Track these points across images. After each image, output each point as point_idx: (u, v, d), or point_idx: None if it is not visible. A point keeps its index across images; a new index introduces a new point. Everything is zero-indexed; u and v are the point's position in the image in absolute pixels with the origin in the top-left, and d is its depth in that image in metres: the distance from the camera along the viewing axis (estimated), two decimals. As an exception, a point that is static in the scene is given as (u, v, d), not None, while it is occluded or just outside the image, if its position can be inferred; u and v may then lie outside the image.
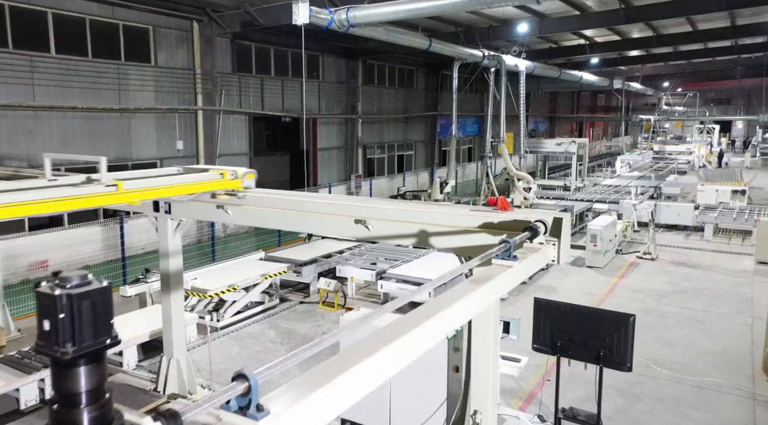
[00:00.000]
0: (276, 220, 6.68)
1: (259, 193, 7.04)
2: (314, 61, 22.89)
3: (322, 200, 6.50)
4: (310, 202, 6.46)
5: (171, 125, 17.00)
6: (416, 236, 5.88)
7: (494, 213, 5.55)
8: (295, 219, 6.52)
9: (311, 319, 11.18)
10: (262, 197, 6.77)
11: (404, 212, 5.97)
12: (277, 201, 6.67)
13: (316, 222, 6.38)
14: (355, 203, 6.34)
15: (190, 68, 17.31)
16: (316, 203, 6.43)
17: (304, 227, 6.70)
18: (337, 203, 6.39)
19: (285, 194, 6.81)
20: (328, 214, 6.31)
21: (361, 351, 2.43)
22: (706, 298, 12.32)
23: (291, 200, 6.58)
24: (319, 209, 6.40)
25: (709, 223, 18.42)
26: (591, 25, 19.89)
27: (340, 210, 6.29)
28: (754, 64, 38.52)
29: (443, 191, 18.06)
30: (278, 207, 6.63)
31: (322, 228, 6.55)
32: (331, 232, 6.69)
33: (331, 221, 6.28)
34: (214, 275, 11.03)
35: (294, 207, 6.56)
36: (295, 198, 6.57)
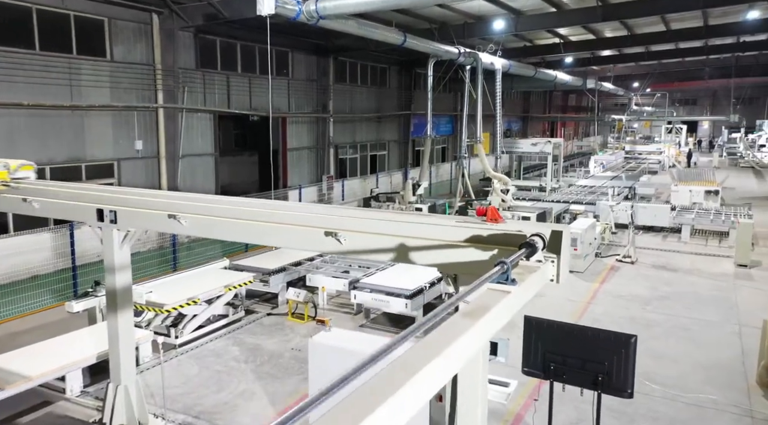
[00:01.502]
0: (233, 231, 5.91)
1: (212, 201, 6.25)
2: (283, 57, 22.01)
3: (287, 209, 5.75)
4: (273, 212, 5.71)
5: (129, 123, 15.95)
6: (394, 251, 5.17)
7: (483, 225, 4.89)
8: (256, 231, 5.76)
9: (279, 333, 10.38)
10: (216, 206, 5.99)
11: (381, 222, 5.26)
12: (235, 211, 5.90)
13: (280, 234, 5.63)
14: (325, 212, 5.61)
15: (149, 64, 16.27)
16: (281, 213, 5.67)
17: (265, 239, 5.94)
18: (304, 213, 5.65)
19: (244, 202, 6.04)
20: (294, 225, 5.57)
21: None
22: (690, 304, 11.93)
23: (250, 210, 5.81)
24: (283, 219, 5.65)
25: (686, 224, 18.20)
26: (568, 22, 19.51)
27: (308, 221, 5.56)
28: (722, 66, 39.01)
29: (416, 192, 17.38)
30: (236, 217, 5.86)
31: (287, 241, 5.80)
32: (298, 245, 5.96)
33: (298, 233, 5.54)
34: (172, 287, 10.15)
35: (254, 217, 5.80)
36: (255, 208, 5.81)
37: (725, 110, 60.32)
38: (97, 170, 15.28)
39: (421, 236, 5.04)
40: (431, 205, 17.16)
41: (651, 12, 18.25)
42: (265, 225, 5.68)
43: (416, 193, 17.23)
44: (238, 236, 5.96)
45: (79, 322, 9.49)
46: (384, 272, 11.36)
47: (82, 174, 14.92)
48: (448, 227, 4.95)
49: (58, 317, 10.32)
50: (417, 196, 17.31)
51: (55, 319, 10.46)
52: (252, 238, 5.93)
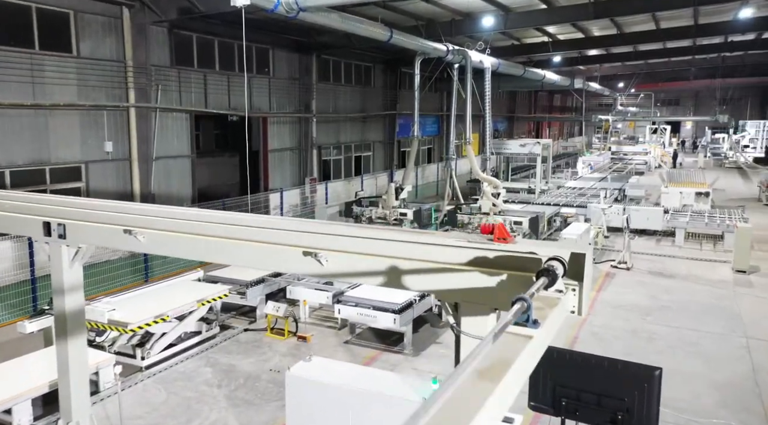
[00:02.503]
0: (197, 250, 5.12)
1: (175, 215, 5.44)
2: (264, 55, 21.15)
3: (262, 224, 4.97)
4: (244, 228, 4.91)
5: (98, 123, 15.00)
6: (385, 275, 4.42)
7: (489, 245, 4.16)
8: (223, 249, 4.97)
9: (256, 351, 9.57)
10: (179, 221, 5.19)
11: (369, 241, 4.50)
12: (200, 226, 5.10)
13: (252, 254, 4.84)
14: (304, 228, 4.84)
15: (120, 60, 15.33)
16: (253, 230, 4.88)
17: (234, 258, 5.15)
18: (279, 230, 4.87)
19: (211, 215, 5.24)
20: (268, 243, 4.79)
21: None
22: (693, 314, 11.35)
23: (218, 226, 5.02)
24: (256, 236, 4.87)
25: (680, 228, 17.70)
26: (558, 19, 18.90)
27: (284, 238, 4.78)
28: (708, 66, 38.88)
29: (399, 196, 16.42)
30: (201, 234, 5.07)
31: (260, 261, 5.03)
32: (272, 266, 5.21)
33: (272, 252, 4.76)
34: (138, 302, 9.29)
35: (222, 233, 5.01)
36: (223, 224, 5.01)
37: (708, 110, 60.57)
38: (63, 174, 14.31)
39: (416, 258, 4.30)
40: (416, 210, 16.20)
41: (644, 9, 17.72)
42: (233, 243, 4.90)
43: (399, 197, 16.36)
44: (202, 255, 5.17)
45: (33, 344, 8.59)
46: (370, 285, 10.58)
47: (47, 178, 13.95)
48: (448, 248, 4.22)
49: (11, 336, 9.40)
50: (400, 200, 16.45)
51: (7, 339, 9.54)
52: (219, 257, 5.14)
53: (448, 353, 9.22)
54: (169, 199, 17.07)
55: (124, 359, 8.77)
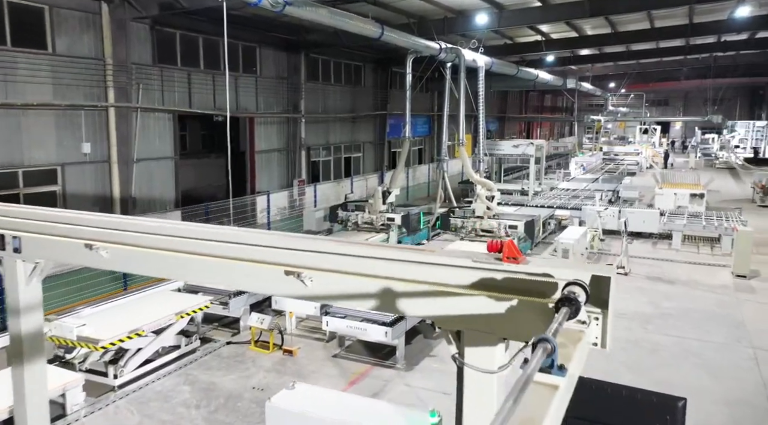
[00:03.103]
0: (166, 267, 4.56)
1: (144, 228, 4.85)
2: (251, 53, 20.53)
3: (238, 238, 4.41)
4: (219, 244, 4.35)
5: (75, 124, 14.33)
6: (377, 298, 3.88)
7: (497, 265, 3.64)
8: (195, 267, 4.40)
9: (239, 367, 9.00)
10: (147, 235, 4.61)
11: (360, 260, 3.96)
12: (171, 241, 4.53)
13: (227, 272, 4.29)
14: (286, 243, 4.28)
15: (98, 58, 14.66)
16: (229, 246, 4.32)
17: (208, 277, 4.60)
18: (258, 245, 4.31)
19: (184, 229, 4.66)
20: (245, 260, 4.24)
21: None
22: (695, 323, 10.91)
23: (191, 241, 4.44)
24: (232, 252, 4.31)
25: (677, 231, 17.32)
26: (553, 17, 18.45)
27: (264, 255, 4.22)
28: (700, 66, 38.73)
29: (387, 200, 15.57)
30: (172, 249, 4.50)
31: (236, 280, 4.48)
32: (250, 286, 4.67)
33: (249, 271, 4.21)
34: (111, 316, 8.69)
35: (195, 249, 4.44)
36: (197, 239, 4.43)
37: (696, 110, 60.66)
38: (37, 177, 13.64)
39: (413, 279, 3.77)
40: (404, 214, 15.31)
41: (641, 7, 17.35)
42: (206, 261, 4.34)
43: (387, 201, 15.58)
44: (172, 273, 4.63)
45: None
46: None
47: (19, 181, 13.27)
48: (450, 268, 3.69)
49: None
50: (388, 204, 15.67)
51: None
52: (190, 276, 4.60)
53: (443, 367, 8.70)
54: (151, 202, 16.45)
55: (96, 377, 8.17)
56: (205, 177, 24.69)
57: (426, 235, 17.37)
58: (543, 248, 16.87)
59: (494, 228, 14.47)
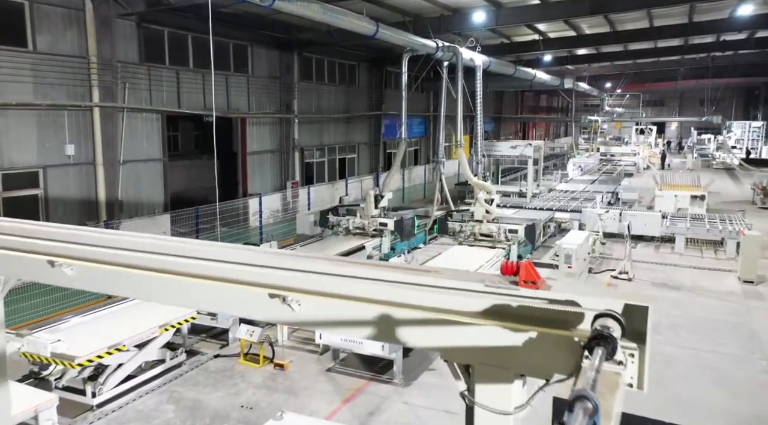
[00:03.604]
0: (136, 287, 4.04)
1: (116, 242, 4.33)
2: (243, 52, 20.00)
3: (219, 255, 3.90)
4: (197, 263, 3.83)
5: (58, 124, 13.78)
6: (374, 325, 3.37)
7: (513, 290, 3.15)
8: (169, 288, 3.88)
9: (227, 383, 8.48)
10: (118, 253, 4.09)
11: (355, 282, 3.47)
12: (143, 258, 4.02)
13: (201, 294, 3.78)
14: (271, 260, 3.77)
15: (82, 56, 14.12)
16: (207, 265, 3.81)
17: (183, 299, 4.09)
18: (239, 264, 3.80)
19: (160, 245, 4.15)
20: (225, 281, 3.73)
21: None
22: (707, 333, 10.47)
23: (166, 259, 3.94)
24: (206, 271, 3.80)
25: (680, 234, 16.89)
26: (552, 16, 18.01)
27: (246, 275, 3.71)
28: (697, 66, 38.45)
29: (379, 205, 14.79)
30: (144, 267, 3.99)
31: (213, 303, 3.98)
32: (230, 309, 4.18)
33: (229, 292, 3.70)
34: (90, 329, 8.15)
35: (170, 267, 3.92)
36: (173, 257, 3.92)
37: (692, 111, 60.46)
38: (17, 180, 13.09)
39: (416, 304, 3.27)
40: (397, 219, 14.53)
41: (641, 5, 16.94)
42: (179, 281, 3.82)
43: (379, 205, 14.81)
44: (144, 293, 4.12)
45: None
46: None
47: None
48: (459, 293, 3.20)
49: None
50: (380, 209, 14.89)
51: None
52: (164, 297, 4.07)
53: (442, 382, 8.21)
54: (138, 206, 15.90)
55: (73, 396, 7.64)
56: (197, 179, 24.10)
57: (423, 239, 16.89)
58: (543, 252, 16.41)
59: (494, 232, 13.99)
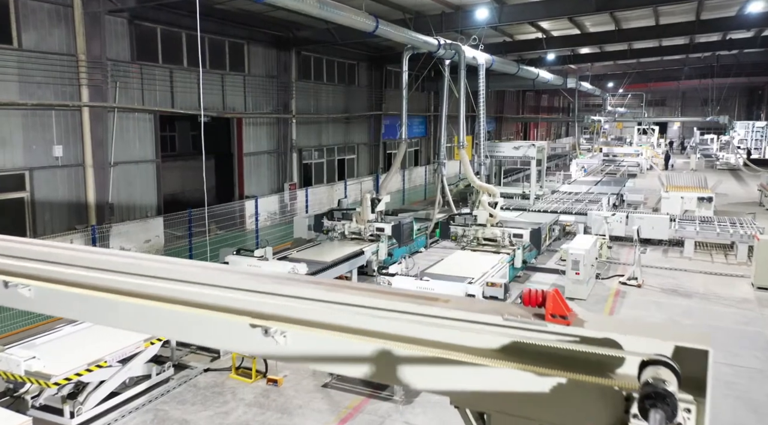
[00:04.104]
0: (98, 312, 3.50)
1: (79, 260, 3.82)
2: (239, 50, 19.50)
3: (191, 275, 3.40)
4: (169, 286, 3.33)
5: (46, 125, 13.28)
6: (373, 364, 2.83)
7: (537, 324, 2.63)
8: (134, 314, 3.38)
9: (217, 400, 7.97)
10: (78, 273, 3.59)
11: (351, 311, 2.96)
12: (108, 280, 3.51)
13: (172, 322, 3.27)
14: (251, 283, 3.26)
15: (71, 54, 13.62)
16: (181, 289, 3.31)
17: (149, 325, 3.56)
18: (219, 287, 3.29)
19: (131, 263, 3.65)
20: (197, 306, 3.22)
21: None
22: (722, 344, 9.94)
23: (133, 283, 3.43)
24: (178, 293, 3.29)
25: (689, 238, 16.38)
26: (557, 13, 17.46)
27: (221, 299, 3.21)
28: (702, 65, 37.97)
29: (375, 209, 14.18)
30: (108, 289, 3.48)
31: (184, 332, 3.46)
32: (205, 341, 3.68)
33: (203, 321, 3.19)
34: (69, 344, 7.65)
35: (135, 289, 3.42)
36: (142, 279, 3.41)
37: (694, 110, 59.99)
38: (2, 182, 12.61)
39: (421, 338, 2.76)
40: (395, 224, 13.96)
41: (650, 2, 16.39)
42: (149, 306, 3.30)
43: (376, 209, 14.20)
44: (105, 319, 3.61)
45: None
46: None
47: (-18, 187, 12.23)
48: (473, 327, 2.69)
49: None
50: (377, 213, 14.30)
51: None
52: (129, 323, 3.57)
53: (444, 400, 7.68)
54: (130, 209, 15.40)
55: (51, 416, 7.14)
56: (193, 180, 23.63)
57: (424, 243, 16.40)
58: (548, 257, 15.93)
59: (498, 237, 13.49)
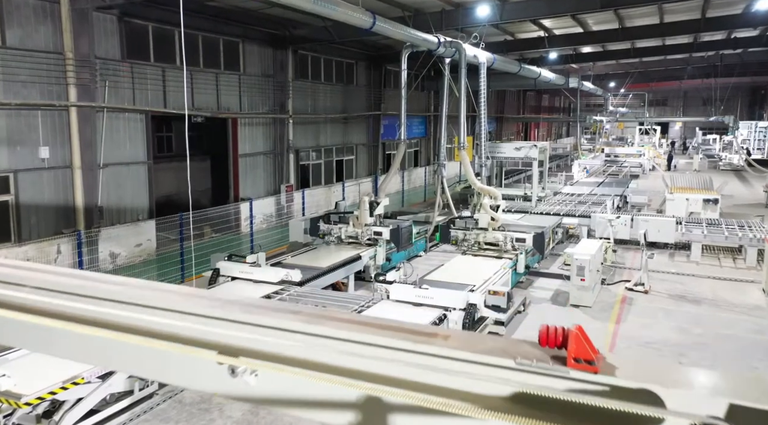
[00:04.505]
0: (28, 338, 3.06)
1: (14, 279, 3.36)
2: (233, 49, 19.05)
3: (147, 296, 2.95)
4: (121, 314, 2.87)
5: (31, 126, 12.83)
6: (358, 411, 2.38)
7: (556, 371, 2.17)
8: (76, 343, 2.91)
9: (203, 417, 7.51)
10: (11, 294, 3.12)
11: (333, 346, 2.50)
12: (49, 304, 3.05)
13: (126, 355, 2.81)
14: (219, 310, 2.81)
15: (57, 52, 13.16)
16: (136, 318, 2.85)
17: (92, 358, 3.10)
18: (178, 312, 2.83)
19: (74, 283, 3.20)
20: (156, 336, 2.77)
21: None
22: (735, 355, 9.51)
23: (78, 308, 2.97)
24: (132, 321, 2.84)
25: (696, 241, 15.93)
26: (561, 10, 17.00)
27: (184, 330, 2.77)
28: (704, 65, 37.55)
29: (374, 212, 13.70)
30: (49, 313, 3.03)
31: (139, 367, 3.00)
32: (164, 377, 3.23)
33: (162, 355, 2.74)
34: (43, 360, 7.16)
35: (80, 314, 2.97)
36: (85, 297, 2.96)
37: (696, 110, 59.57)
38: (-15, 185, 12.15)
39: (416, 383, 2.32)
40: (393, 228, 13.46)
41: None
42: (94, 336, 2.86)
43: (374, 213, 13.66)
44: (42, 347, 3.15)
45: None
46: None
47: (-36, 190, 11.78)
48: (478, 370, 2.25)
49: None
50: (376, 216, 13.77)
51: None
52: (69, 354, 3.10)
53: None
54: (120, 212, 14.95)
55: (23, 437, 6.68)
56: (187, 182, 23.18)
57: (423, 246, 15.95)
58: (551, 261, 15.48)
59: (500, 241, 13.03)
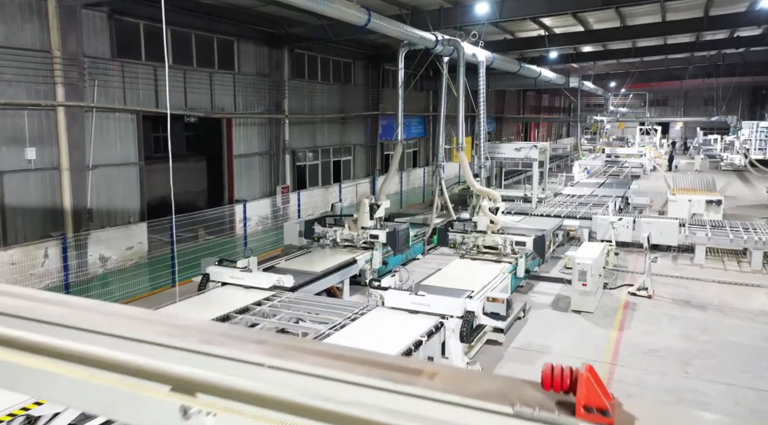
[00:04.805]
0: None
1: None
2: (228, 47, 18.70)
3: (87, 318, 2.60)
4: (44, 338, 2.53)
5: (17, 126, 12.48)
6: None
7: (563, 419, 1.84)
8: (15, 377, 2.59)
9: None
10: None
11: (302, 388, 2.16)
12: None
13: (71, 390, 2.47)
14: (173, 336, 2.46)
15: (44, 50, 12.81)
16: (57, 342, 2.51)
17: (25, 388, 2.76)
18: (126, 339, 2.48)
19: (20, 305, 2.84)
20: (105, 368, 2.42)
21: None
22: (742, 363, 9.16)
23: (19, 335, 2.63)
24: (86, 349, 2.50)
25: (700, 244, 15.59)
26: (561, 8, 16.66)
27: (134, 360, 2.42)
28: (706, 64, 37.22)
29: (374, 215, 13.22)
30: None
31: (86, 403, 2.65)
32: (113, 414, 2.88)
33: (109, 392, 2.39)
34: (21, 373, 6.83)
35: (17, 339, 2.63)
36: (22, 319, 2.61)
37: (697, 110, 59.24)
38: (-31, 187, 11.80)
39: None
40: (390, 231, 12.96)
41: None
42: (19, 365, 2.53)
43: (375, 216, 13.13)
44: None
45: None
46: (352, 327, 8.16)
47: (-54, 193, 11.43)
48: (468, 417, 1.92)
49: None
50: (376, 220, 13.22)
51: None
52: (7, 385, 2.78)
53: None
54: (111, 214, 14.61)
55: (-3, 454, 6.32)
56: (185, 182, 22.84)
57: (421, 249, 15.62)
58: (552, 264, 15.16)
59: (499, 245, 12.69)
